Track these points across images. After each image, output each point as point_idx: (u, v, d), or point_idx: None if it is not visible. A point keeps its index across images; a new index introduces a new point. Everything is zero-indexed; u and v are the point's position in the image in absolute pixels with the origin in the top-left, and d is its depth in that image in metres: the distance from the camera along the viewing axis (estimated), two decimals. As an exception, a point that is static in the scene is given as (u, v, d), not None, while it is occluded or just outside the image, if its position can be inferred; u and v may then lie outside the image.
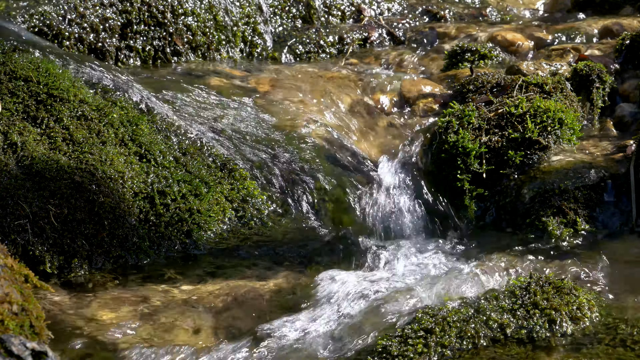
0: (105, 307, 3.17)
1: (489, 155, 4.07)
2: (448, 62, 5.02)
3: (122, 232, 3.48)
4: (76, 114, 3.67)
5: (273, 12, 5.32)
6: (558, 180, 3.93)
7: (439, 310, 2.99)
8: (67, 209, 3.39)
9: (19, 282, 2.57)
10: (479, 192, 4.04)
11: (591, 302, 3.08)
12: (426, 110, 4.51)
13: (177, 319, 3.11)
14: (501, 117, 4.14)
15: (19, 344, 2.19)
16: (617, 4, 5.68)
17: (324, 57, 5.23)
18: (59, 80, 3.70)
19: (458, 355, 2.86)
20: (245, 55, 5.09)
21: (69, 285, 3.30)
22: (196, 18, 4.92)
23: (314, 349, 2.95)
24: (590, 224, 3.84)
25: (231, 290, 3.30)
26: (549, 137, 4.09)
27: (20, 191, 3.35)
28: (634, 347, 2.87)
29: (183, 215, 3.61)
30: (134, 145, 3.71)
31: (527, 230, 3.86)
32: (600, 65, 4.52)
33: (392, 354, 2.85)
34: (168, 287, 3.32)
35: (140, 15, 4.79)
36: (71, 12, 4.63)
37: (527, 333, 2.95)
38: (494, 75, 4.49)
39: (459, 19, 5.71)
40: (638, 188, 3.87)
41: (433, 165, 4.13)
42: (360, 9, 5.60)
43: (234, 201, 3.77)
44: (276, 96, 4.43)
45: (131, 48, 4.76)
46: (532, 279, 3.12)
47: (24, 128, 3.53)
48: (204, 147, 3.85)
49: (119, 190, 3.53)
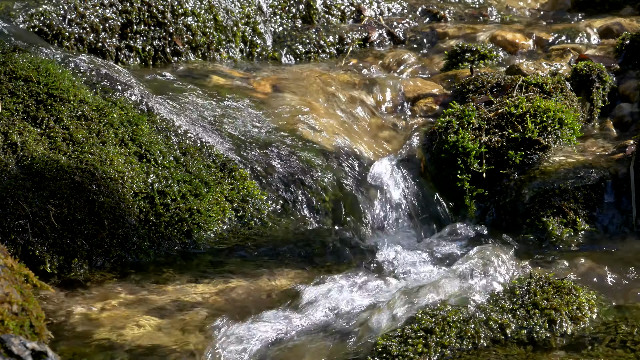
0: (105, 307, 3.17)
1: (489, 155, 4.07)
2: (448, 62, 5.02)
3: (122, 232, 3.48)
4: (76, 114, 3.67)
5: (273, 12, 5.31)
6: (558, 180, 3.93)
7: (439, 310, 2.98)
8: (67, 209, 3.39)
9: (19, 282, 2.57)
10: (479, 192, 4.04)
11: (591, 302, 3.08)
12: (426, 110, 4.51)
13: (177, 319, 3.11)
14: (501, 117, 4.14)
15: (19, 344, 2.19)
16: (617, 4, 5.68)
17: (324, 57, 5.23)
18: (59, 80, 3.70)
19: (458, 355, 2.86)
20: (245, 55, 5.09)
21: (69, 285, 3.30)
22: (196, 18, 4.92)
23: (313, 348, 2.95)
24: (590, 224, 3.84)
25: (231, 291, 3.30)
26: (549, 137, 4.09)
27: (20, 191, 3.35)
28: (634, 347, 2.87)
29: (183, 215, 3.61)
30: (134, 145, 3.71)
31: (527, 230, 3.86)
32: (600, 65, 4.52)
33: (392, 354, 2.85)
34: (168, 287, 3.32)
35: (140, 15, 4.79)
36: (71, 12, 4.63)
37: (527, 333, 2.95)
38: (494, 75, 4.49)
39: (459, 19, 5.71)
40: (638, 188, 3.87)
41: (433, 165, 4.13)
42: (360, 9, 5.60)
43: (234, 201, 3.77)
44: (276, 96, 4.43)
45: (131, 48, 4.76)
46: (532, 279, 3.12)
47: (24, 128, 3.53)
48: (204, 147, 3.85)
49: (119, 190, 3.53)
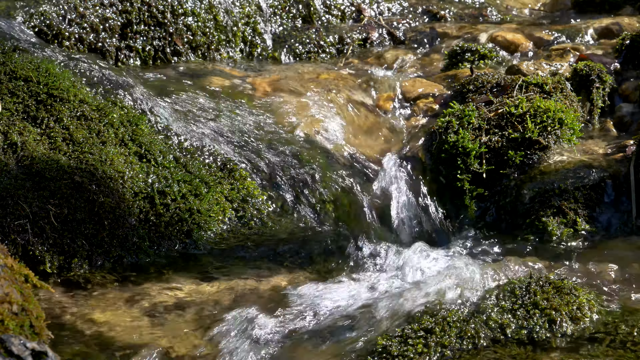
0: (105, 307, 3.17)
1: (489, 155, 4.07)
2: (448, 62, 5.02)
3: (122, 232, 3.48)
4: (76, 114, 3.67)
5: (273, 12, 5.31)
6: (558, 180, 3.93)
7: (439, 310, 2.99)
8: (67, 209, 3.39)
9: (19, 282, 2.56)
10: (479, 192, 4.04)
11: (591, 302, 3.08)
12: (426, 110, 4.51)
13: (177, 319, 3.12)
14: (501, 117, 4.14)
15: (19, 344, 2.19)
16: (617, 4, 5.68)
17: (324, 57, 5.23)
18: (59, 80, 3.70)
19: (458, 355, 2.86)
20: (245, 55, 5.09)
21: (69, 285, 3.30)
22: (196, 18, 4.92)
23: (313, 348, 2.95)
24: (590, 224, 3.84)
25: (231, 291, 3.30)
26: (549, 137, 4.09)
27: (20, 191, 3.35)
28: (634, 348, 2.87)
29: (183, 215, 3.61)
30: (134, 145, 3.71)
31: (527, 230, 3.86)
32: (600, 65, 4.52)
33: (392, 354, 2.85)
34: (168, 287, 3.32)
35: (140, 15, 4.79)
36: (71, 12, 4.63)
37: (527, 333, 2.95)
38: (494, 75, 4.49)
39: (459, 19, 5.71)
40: (638, 188, 3.87)
41: (433, 165, 4.13)
42: (360, 9, 5.60)
43: (234, 201, 3.77)
44: (276, 96, 4.43)
45: (131, 48, 4.76)
46: (532, 279, 3.12)
47: (24, 128, 3.53)
48: (204, 147, 3.85)
49: (119, 190, 3.53)
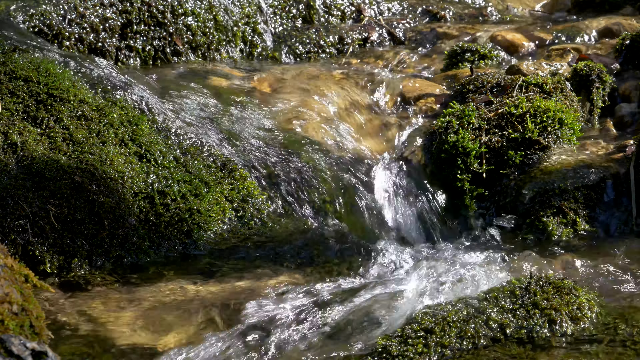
0: (105, 307, 3.17)
1: (489, 155, 4.07)
2: (448, 62, 5.02)
3: (122, 232, 3.48)
4: (76, 114, 3.67)
5: (273, 12, 5.31)
6: (558, 180, 3.93)
7: (439, 310, 2.98)
8: (67, 209, 3.39)
9: (19, 282, 2.57)
10: (479, 192, 4.04)
11: (591, 302, 3.08)
12: (426, 110, 4.51)
13: (177, 319, 3.11)
14: (501, 117, 4.14)
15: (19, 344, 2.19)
16: (617, 4, 5.68)
17: (324, 57, 5.23)
18: (59, 80, 3.70)
19: (458, 355, 2.86)
20: (245, 55, 5.09)
21: (69, 285, 3.30)
22: (196, 18, 4.92)
23: (313, 348, 2.95)
24: (590, 224, 3.84)
25: (231, 291, 3.30)
26: (549, 137, 4.09)
27: (20, 191, 3.35)
28: (634, 347, 2.87)
29: (183, 215, 3.61)
30: (134, 145, 3.71)
31: (527, 230, 3.86)
32: (600, 65, 4.52)
33: (392, 354, 2.85)
34: (168, 287, 3.32)
35: (140, 15, 4.79)
36: (71, 12, 4.63)
37: (527, 333, 2.95)
38: (494, 75, 4.49)
39: (459, 19, 5.71)
40: (638, 188, 3.87)
41: (433, 165, 4.13)
42: (360, 9, 5.60)
43: (234, 201, 3.77)
44: (276, 96, 4.43)
45: (131, 48, 4.76)
46: (532, 279, 3.12)
47: (24, 128, 3.53)
48: (204, 147, 3.85)
49: (119, 190, 3.53)
